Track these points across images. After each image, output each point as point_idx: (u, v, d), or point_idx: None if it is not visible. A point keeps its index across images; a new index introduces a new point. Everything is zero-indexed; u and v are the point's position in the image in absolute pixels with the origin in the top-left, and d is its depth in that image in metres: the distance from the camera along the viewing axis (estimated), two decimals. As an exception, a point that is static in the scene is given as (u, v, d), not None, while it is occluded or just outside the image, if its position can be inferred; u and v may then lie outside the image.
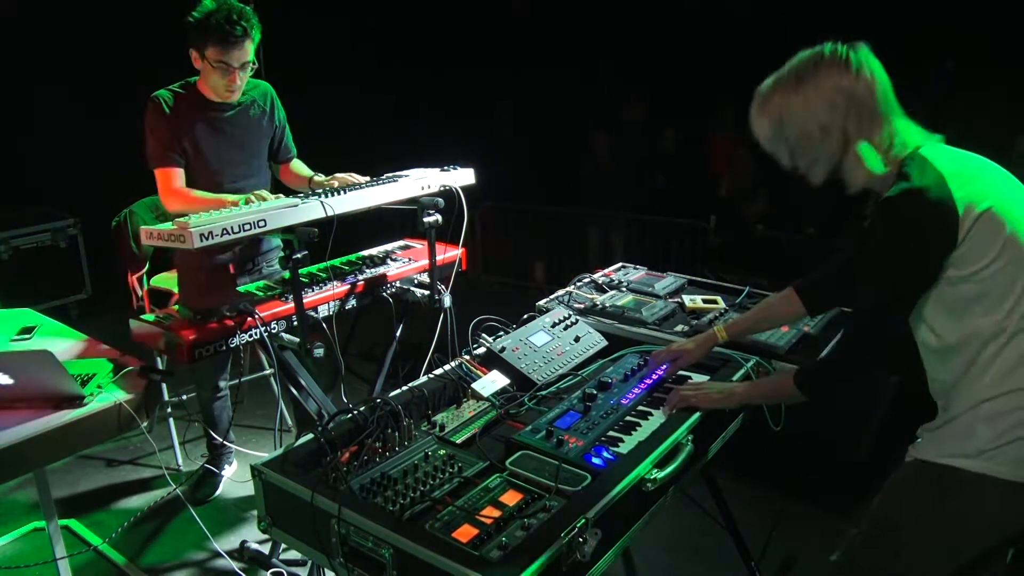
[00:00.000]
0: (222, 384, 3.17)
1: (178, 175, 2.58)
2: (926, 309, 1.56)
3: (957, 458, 1.51)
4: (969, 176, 1.50)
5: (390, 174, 2.63)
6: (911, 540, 1.59)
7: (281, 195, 2.33)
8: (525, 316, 2.38)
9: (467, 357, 2.10)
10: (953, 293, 1.50)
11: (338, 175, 2.66)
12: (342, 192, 2.32)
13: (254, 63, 2.57)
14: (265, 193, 2.37)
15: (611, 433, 1.77)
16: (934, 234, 1.47)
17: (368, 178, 2.57)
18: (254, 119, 2.75)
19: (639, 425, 1.81)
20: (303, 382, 2.38)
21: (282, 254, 2.95)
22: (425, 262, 2.63)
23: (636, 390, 1.96)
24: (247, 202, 2.31)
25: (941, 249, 1.47)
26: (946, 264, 1.48)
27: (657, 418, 1.85)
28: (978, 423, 1.50)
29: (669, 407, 1.86)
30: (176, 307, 2.28)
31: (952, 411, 1.55)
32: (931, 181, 1.47)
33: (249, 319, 2.19)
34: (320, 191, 2.36)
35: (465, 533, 1.37)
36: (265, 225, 2.08)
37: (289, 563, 2.65)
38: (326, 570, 1.74)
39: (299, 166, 2.94)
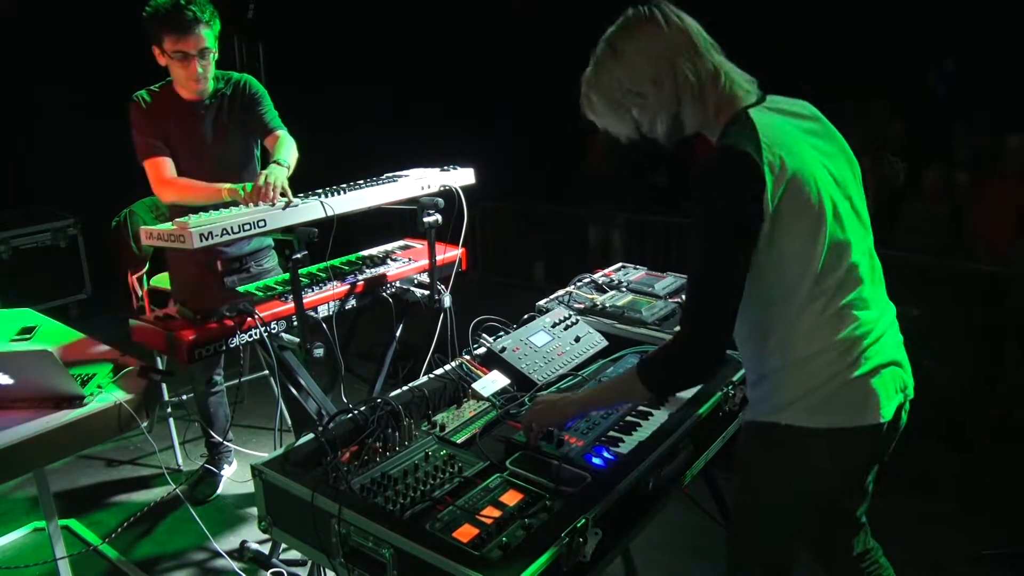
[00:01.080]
0: (216, 379, 3.16)
1: (167, 164, 2.57)
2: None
3: (770, 414, 1.60)
4: (790, 141, 1.49)
5: (390, 174, 2.63)
6: (753, 495, 1.70)
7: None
8: (525, 316, 2.38)
9: (467, 357, 2.10)
10: (767, 258, 1.50)
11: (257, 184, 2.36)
12: (342, 192, 2.32)
13: (213, 50, 2.52)
14: (271, 172, 2.33)
15: (611, 433, 1.77)
16: (743, 192, 1.46)
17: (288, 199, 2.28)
18: (225, 109, 2.68)
19: (639, 425, 1.81)
20: (303, 382, 2.38)
21: (273, 254, 2.97)
22: (425, 262, 2.63)
23: (636, 390, 1.96)
24: (244, 190, 2.30)
25: (750, 207, 1.45)
26: (761, 230, 1.47)
27: (657, 418, 1.85)
28: (782, 379, 1.57)
29: (530, 441, 1.72)
30: (176, 307, 2.28)
31: (761, 371, 1.62)
32: (743, 140, 1.46)
33: (249, 319, 2.19)
34: (320, 191, 2.35)
35: (465, 533, 1.37)
36: (265, 225, 2.08)
37: (289, 563, 2.65)
38: (326, 570, 1.74)
39: (277, 146, 2.67)
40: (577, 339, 2.26)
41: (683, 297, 1.59)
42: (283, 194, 2.27)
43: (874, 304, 1.59)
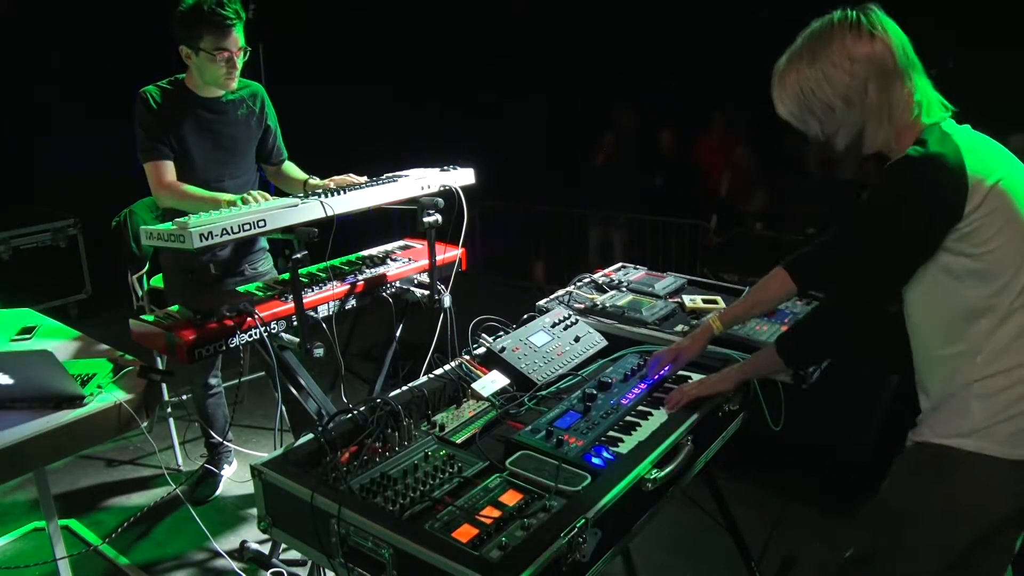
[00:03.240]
0: (213, 381, 3.16)
1: (168, 168, 2.58)
2: (923, 283, 1.54)
3: (952, 437, 1.52)
4: (983, 152, 1.50)
5: (390, 174, 2.63)
6: (913, 522, 1.60)
7: (274, 197, 2.33)
8: (525, 316, 2.38)
9: (467, 357, 2.10)
10: (950, 267, 1.49)
11: (335, 177, 2.65)
12: (342, 192, 2.32)
13: (248, 48, 2.57)
14: (264, 194, 2.36)
15: (611, 433, 1.77)
16: (941, 202, 1.46)
17: (366, 178, 2.57)
18: (242, 118, 2.75)
19: (639, 425, 1.81)
20: (303, 382, 2.38)
21: (268, 257, 2.98)
22: (425, 262, 2.63)
23: (636, 390, 1.96)
24: (244, 202, 2.31)
25: (946, 218, 1.46)
26: (949, 236, 1.47)
27: (657, 418, 1.85)
28: (972, 401, 1.50)
29: (671, 406, 1.86)
30: (176, 307, 2.28)
31: (946, 391, 1.55)
32: (948, 150, 1.46)
33: (249, 319, 2.19)
34: (320, 191, 2.36)
35: (465, 533, 1.37)
36: (265, 225, 2.08)
37: (289, 563, 2.65)
38: (326, 570, 1.74)
39: (292, 169, 2.93)
40: (577, 339, 2.26)
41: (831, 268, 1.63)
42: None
43: None
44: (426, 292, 2.62)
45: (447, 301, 2.55)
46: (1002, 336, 1.48)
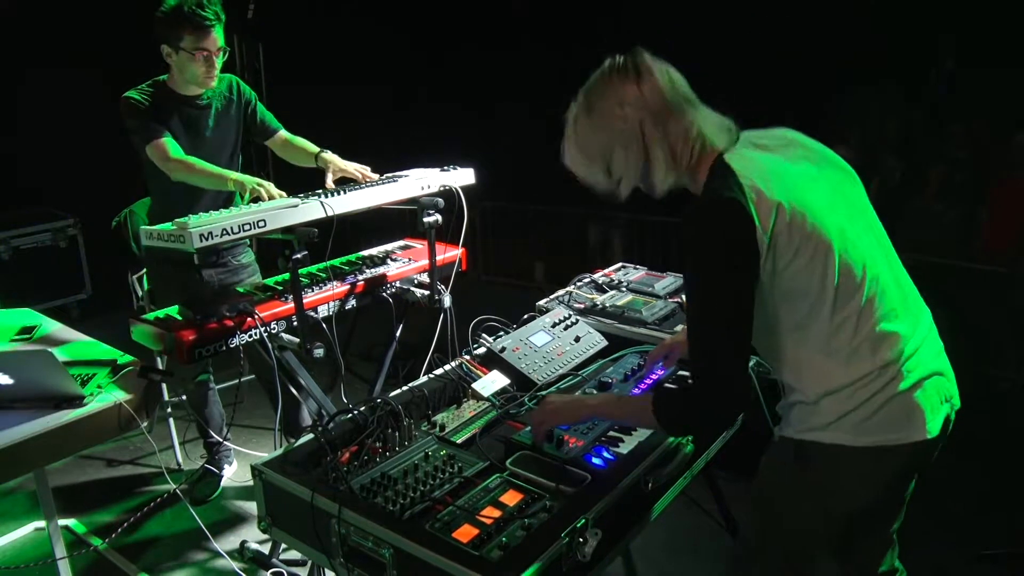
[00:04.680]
0: (205, 378, 3.16)
1: (171, 144, 2.59)
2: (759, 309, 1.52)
3: (808, 432, 1.56)
4: (772, 175, 1.48)
5: (390, 174, 2.63)
6: (783, 511, 1.67)
7: (284, 193, 2.33)
8: (525, 316, 2.38)
9: (467, 357, 2.10)
10: (773, 292, 1.49)
11: (350, 167, 2.65)
12: (342, 192, 2.32)
13: (227, 48, 2.61)
14: (272, 189, 2.35)
15: (611, 433, 1.77)
16: (734, 235, 1.44)
17: (378, 176, 2.59)
18: (223, 110, 2.78)
19: (639, 425, 1.81)
20: (303, 382, 2.38)
21: (248, 251, 2.98)
22: (425, 262, 2.63)
23: (636, 390, 1.96)
24: (253, 197, 2.31)
25: (745, 251, 1.43)
26: (762, 267, 1.46)
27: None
28: (822, 401, 1.53)
29: (536, 438, 1.72)
30: (176, 307, 2.28)
31: (799, 395, 1.58)
32: (724, 187, 1.45)
33: (249, 319, 2.19)
34: (321, 192, 2.36)
35: (465, 533, 1.37)
36: (265, 225, 2.08)
37: (289, 563, 2.65)
38: (326, 570, 1.74)
39: (301, 141, 2.91)
40: (577, 339, 2.26)
41: (689, 340, 1.52)
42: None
43: (905, 314, 1.54)
44: (426, 292, 2.62)
45: (447, 301, 2.55)
46: (834, 352, 1.49)
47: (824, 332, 1.49)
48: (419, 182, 2.50)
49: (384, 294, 2.60)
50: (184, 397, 3.68)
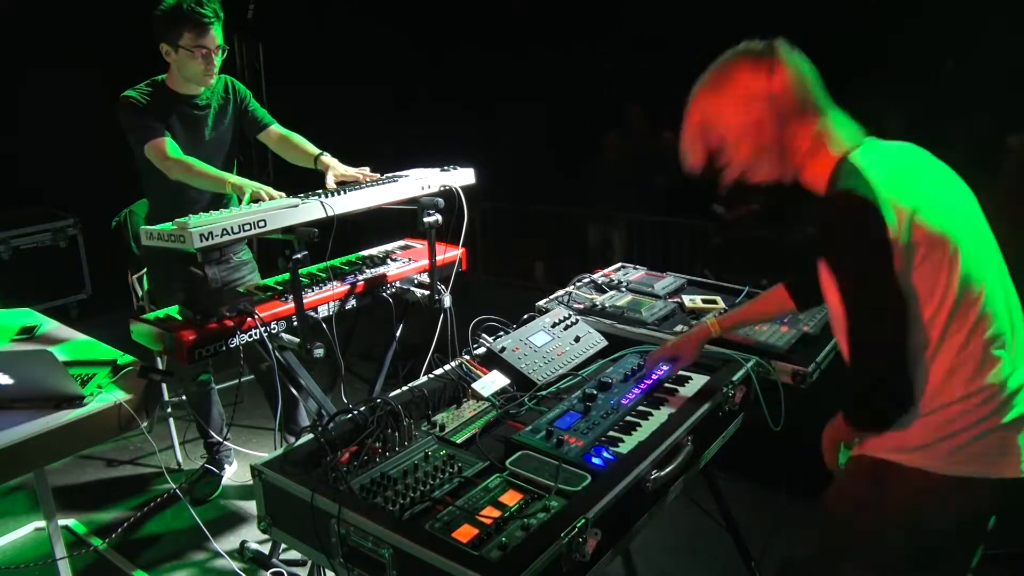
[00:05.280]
0: (205, 378, 3.16)
1: (169, 143, 2.59)
2: None
3: (894, 452, 1.52)
4: (899, 179, 1.46)
5: (390, 174, 2.63)
6: (855, 533, 1.61)
7: (283, 194, 2.33)
8: (525, 316, 2.38)
9: (467, 357, 2.10)
10: None
11: (351, 171, 2.65)
12: (342, 192, 2.32)
13: (226, 47, 2.62)
14: (272, 190, 2.35)
15: (611, 433, 1.77)
16: (869, 233, 1.43)
17: (380, 175, 2.60)
18: (220, 109, 2.80)
19: (639, 425, 1.81)
20: (303, 382, 2.38)
21: (246, 248, 2.99)
22: (425, 262, 2.63)
23: (636, 390, 1.97)
24: (253, 198, 2.31)
25: (881, 246, 1.42)
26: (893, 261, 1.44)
27: (657, 418, 1.85)
28: (915, 420, 1.50)
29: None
30: (176, 307, 2.28)
31: None
32: (857, 188, 1.44)
33: (249, 319, 2.19)
34: (321, 191, 2.36)
35: (465, 533, 1.37)
36: (265, 225, 2.08)
37: (289, 563, 2.65)
38: (326, 570, 1.74)
39: (300, 139, 2.91)
40: (577, 339, 2.26)
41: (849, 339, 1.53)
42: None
43: (1011, 343, 1.49)
44: (426, 292, 2.62)
45: (447, 301, 2.55)
46: (939, 366, 1.46)
47: (933, 343, 1.46)
48: (419, 182, 2.50)
49: (384, 294, 2.60)
50: (183, 397, 3.69)
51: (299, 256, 2.12)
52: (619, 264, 3.00)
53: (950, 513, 1.52)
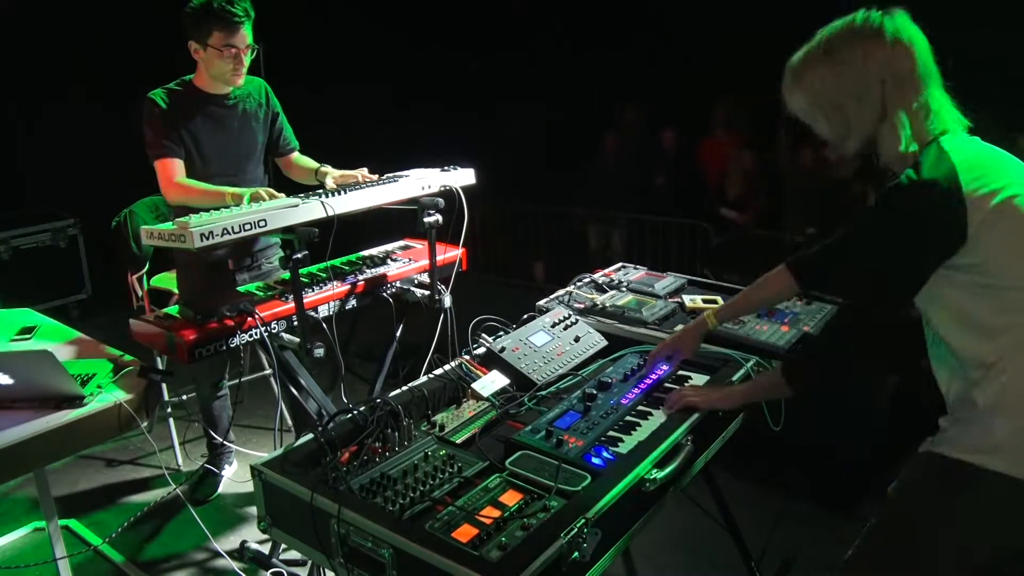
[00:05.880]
0: (221, 383, 3.17)
1: (177, 166, 2.59)
2: (939, 301, 1.51)
3: (972, 453, 1.46)
4: (986, 167, 1.45)
5: (390, 174, 2.63)
6: (926, 535, 1.53)
7: (283, 195, 2.33)
8: (525, 316, 2.38)
9: (467, 357, 2.10)
10: (961, 284, 1.46)
11: (348, 172, 2.66)
12: (342, 192, 2.32)
13: (256, 46, 2.60)
14: (272, 191, 2.36)
15: (611, 433, 1.77)
16: (935, 228, 1.44)
17: (375, 176, 2.59)
18: (251, 112, 2.78)
19: (639, 425, 1.81)
20: (303, 382, 2.38)
21: (280, 251, 2.99)
22: (425, 262, 2.63)
23: (636, 390, 1.96)
24: (253, 197, 2.31)
25: (942, 244, 1.43)
26: (955, 257, 1.44)
27: (657, 418, 1.85)
28: (996, 419, 1.44)
29: (669, 408, 1.86)
30: (176, 307, 2.28)
31: (969, 405, 1.49)
32: (941, 172, 1.42)
33: (249, 319, 2.19)
34: (321, 191, 2.36)
35: (465, 533, 1.37)
36: (265, 225, 2.08)
37: (289, 563, 2.65)
38: (326, 570, 1.74)
39: (303, 159, 2.96)
40: (577, 339, 2.26)
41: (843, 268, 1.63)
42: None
43: None
44: (426, 292, 2.62)
45: (447, 301, 2.55)
46: (1021, 352, 1.43)
47: (1017, 324, 1.43)
48: (419, 182, 2.50)
49: (384, 294, 2.60)
50: (184, 398, 3.68)
51: (299, 256, 2.12)
52: (619, 264, 3.00)
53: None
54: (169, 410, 3.55)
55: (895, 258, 1.51)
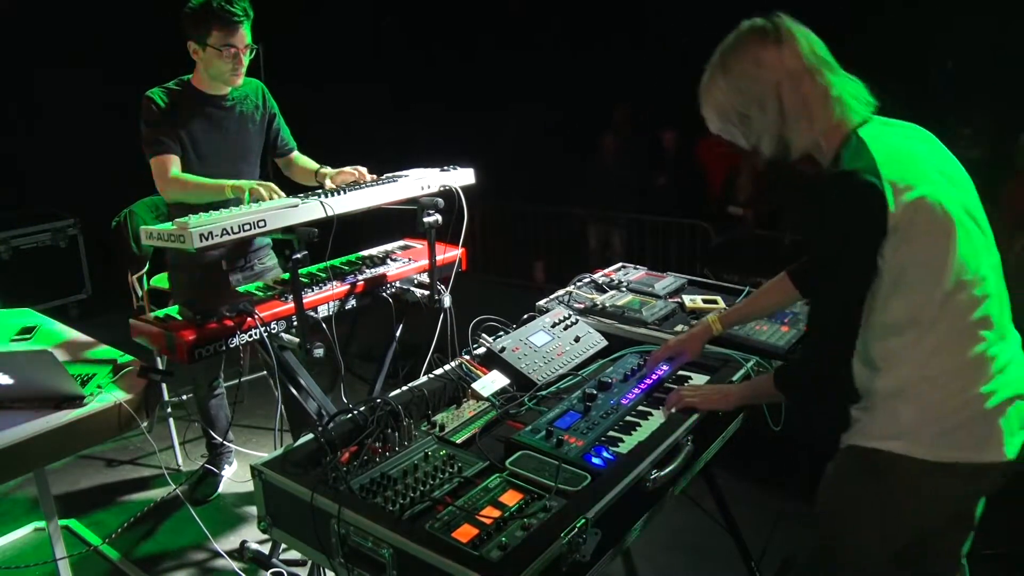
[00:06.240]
0: (216, 382, 3.17)
1: (173, 162, 2.58)
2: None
3: (881, 440, 1.54)
4: (903, 161, 1.48)
5: (390, 174, 2.63)
6: (850, 524, 1.63)
7: (283, 193, 2.33)
8: (525, 316, 2.38)
9: (467, 357, 2.10)
10: (886, 278, 1.49)
11: (346, 168, 2.67)
12: (342, 192, 2.32)
13: (255, 46, 2.60)
14: (272, 186, 2.36)
15: (611, 433, 1.77)
16: (864, 219, 1.46)
17: (374, 176, 2.60)
18: (249, 113, 2.78)
19: (639, 425, 1.81)
20: (303, 382, 2.38)
21: (272, 252, 2.99)
22: (425, 262, 2.63)
23: (636, 390, 1.96)
24: (252, 192, 2.31)
25: (874, 234, 1.46)
26: (882, 248, 1.47)
27: (657, 418, 1.85)
28: (900, 405, 1.52)
29: (668, 408, 1.86)
30: (176, 307, 2.28)
31: (877, 393, 1.57)
32: (862, 164, 1.46)
33: (249, 319, 2.19)
34: (320, 191, 2.36)
35: (465, 533, 1.37)
36: (265, 225, 2.08)
37: (289, 563, 2.65)
38: (326, 570, 1.74)
39: (303, 159, 2.96)
40: (577, 339, 2.26)
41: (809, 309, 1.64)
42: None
43: (999, 325, 1.52)
44: (426, 292, 2.62)
45: (447, 301, 2.55)
46: (925, 348, 1.49)
47: (923, 323, 1.48)
48: (419, 182, 2.50)
49: (384, 294, 2.60)
50: (184, 398, 3.69)
51: (299, 256, 2.12)
52: (619, 264, 3.00)
53: (939, 500, 1.54)
54: (169, 410, 3.55)
55: (836, 249, 1.53)
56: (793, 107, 1.54)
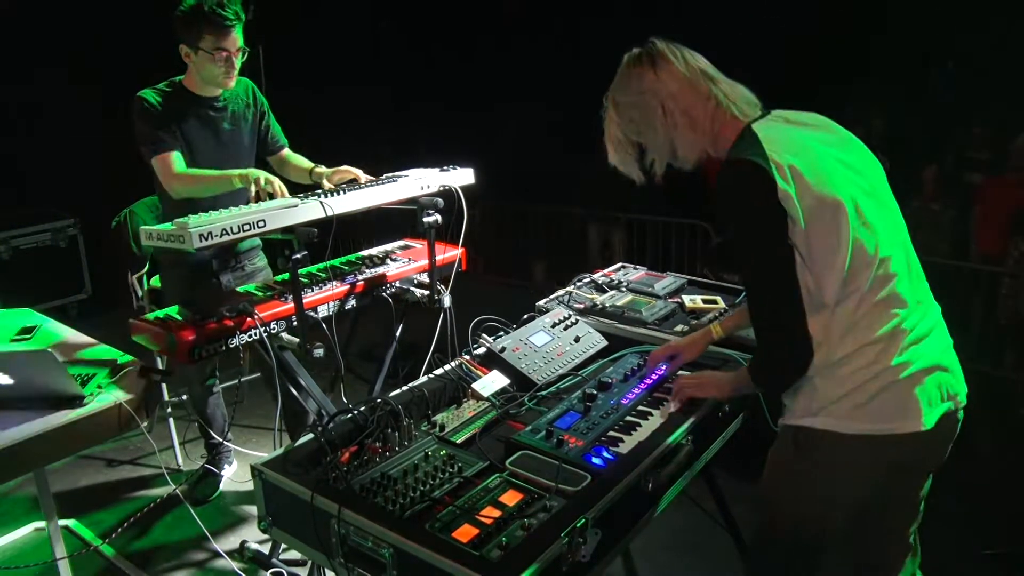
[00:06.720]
0: (212, 382, 3.16)
1: (176, 159, 2.58)
2: None
3: (804, 417, 1.59)
4: (795, 144, 1.53)
5: (390, 174, 2.63)
6: (787, 502, 1.69)
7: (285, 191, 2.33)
8: (525, 316, 2.38)
9: (467, 357, 2.10)
10: (796, 258, 1.52)
11: (342, 168, 2.67)
12: (342, 192, 2.32)
13: (247, 49, 2.60)
14: (274, 179, 2.35)
15: (611, 433, 1.77)
16: (755, 197, 1.51)
17: (369, 177, 2.59)
18: (240, 113, 2.79)
19: (639, 425, 1.81)
20: (303, 382, 2.38)
21: (262, 252, 3.00)
22: (425, 262, 2.63)
23: (636, 390, 1.97)
24: (256, 183, 2.30)
25: (769, 210, 1.49)
26: (787, 228, 1.50)
27: (657, 418, 1.85)
28: (816, 380, 1.56)
29: (673, 399, 1.87)
30: (176, 307, 2.28)
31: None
32: (747, 151, 1.51)
33: (248, 319, 2.19)
34: (320, 192, 2.36)
35: (465, 533, 1.37)
36: (265, 225, 2.07)
37: (289, 563, 2.65)
38: (326, 570, 1.74)
39: (296, 158, 2.96)
40: (577, 339, 2.26)
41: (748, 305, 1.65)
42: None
43: (913, 301, 1.56)
44: (426, 292, 2.62)
45: (447, 301, 2.55)
46: (835, 327, 1.52)
47: (830, 303, 1.51)
48: (419, 182, 2.50)
49: (384, 294, 2.60)
50: (184, 397, 3.68)
51: (299, 256, 2.12)
52: (619, 264, 3.00)
53: (863, 472, 1.58)
54: (169, 410, 3.55)
55: (742, 233, 1.57)
56: (680, 121, 1.63)
